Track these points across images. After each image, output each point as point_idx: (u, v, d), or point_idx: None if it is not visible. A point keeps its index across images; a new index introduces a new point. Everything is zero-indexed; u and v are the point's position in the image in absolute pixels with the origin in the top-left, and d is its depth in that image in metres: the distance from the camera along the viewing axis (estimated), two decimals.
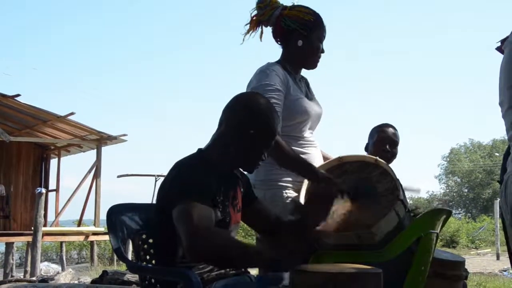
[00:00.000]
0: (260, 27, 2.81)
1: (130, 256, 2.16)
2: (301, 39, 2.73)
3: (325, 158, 2.85)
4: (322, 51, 2.81)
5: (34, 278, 8.33)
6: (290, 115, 2.64)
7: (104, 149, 16.10)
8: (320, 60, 2.85)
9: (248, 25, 2.80)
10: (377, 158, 2.62)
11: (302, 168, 2.52)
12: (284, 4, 2.78)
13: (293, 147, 2.63)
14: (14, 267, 14.52)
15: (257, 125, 2.07)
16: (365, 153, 3.18)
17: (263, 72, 2.65)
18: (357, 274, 1.92)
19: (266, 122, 2.09)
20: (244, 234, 18.30)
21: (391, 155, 3.19)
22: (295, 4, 2.78)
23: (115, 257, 14.61)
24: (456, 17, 72.96)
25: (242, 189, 2.23)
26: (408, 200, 2.80)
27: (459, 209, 44.68)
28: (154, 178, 15.22)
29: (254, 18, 2.79)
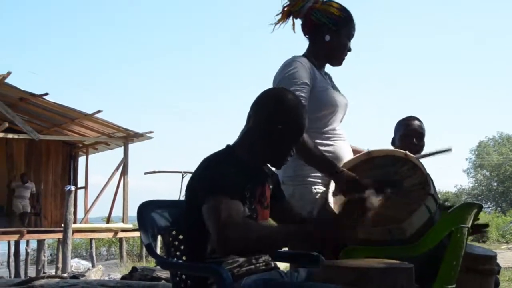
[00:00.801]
0: (291, 18, 2.78)
1: (158, 251, 2.18)
2: (330, 34, 2.70)
3: (355, 151, 2.82)
4: (349, 50, 2.79)
5: (65, 275, 8.46)
6: (318, 107, 2.62)
7: (131, 146, 16.25)
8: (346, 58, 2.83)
9: (280, 15, 2.78)
10: (407, 152, 2.60)
11: (326, 167, 2.52)
12: None
13: (320, 140, 2.61)
14: (45, 263, 14.78)
15: (285, 121, 2.07)
16: (392, 147, 3.15)
17: (289, 65, 2.62)
18: (389, 269, 1.90)
19: (294, 118, 2.09)
20: None
21: (419, 147, 3.17)
22: None
23: (144, 254, 14.73)
24: (480, 8, 71.64)
25: (271, 186, 2.23)
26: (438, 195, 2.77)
27: (489, 203, 43.96)
28: (180, 174, 15.31)
29: (286, 8, 2.77)
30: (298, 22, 2.80)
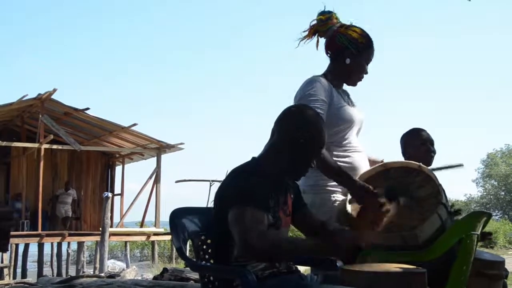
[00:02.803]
0: (316, 36, 2.81)
1: (188, 254, 2.18)
2: (350, 57, 2.71)
3: (373, 161, 2.82)
4: (366, 72, 2.79)
5: (102, 274, 8.50)
6: (335, 122, 2.63)
7: (163, 156, 16.35)
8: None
9: (306, 32, 2.81)
10: (420, 164, 2.57)
11: (342, 179, 2.50)
12: (343, 22, 2.78)
13: (338, 152, 2.63)
14: (84, 264, 14.90)
15: (306, 135, 2.07)
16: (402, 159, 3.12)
17: (308, 84, 2.65)
18: (405, 274, 1.89)
19: (314, 132, 2.09)
20: (293, 235, 18.15)
21: (434, 153, 3.17)
22: (352, 24, 2.77)
23: (174, 256, 14.80)
24: (496, 19, 70.40)
25: (292, 195, 2.23)
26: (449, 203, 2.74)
27: (496, 211, 43.23)
28: (208, 183, 15.34)
29: (313, 27, 2.80)
30: (321, 40, 2.81)
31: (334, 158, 2.57)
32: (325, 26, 2.76)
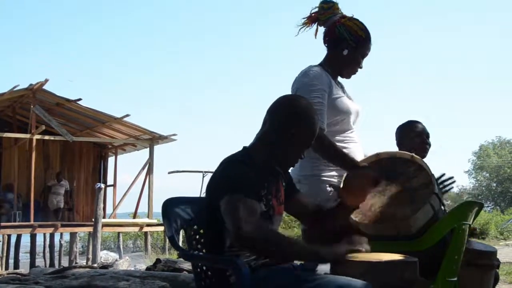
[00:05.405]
0: (316, 25, 2.79)
1: (180, 244, 2.18)
2: (348, 49, 2.70)
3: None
4: (361, 67, 2.79)
5: (95, 265, 8.50)
6: (332, 112, 2.63)
7: (156, 147, 16.33)
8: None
9: (306, 19, 2.79)
10: (413, 154, 2.58)
11: (343, 161, 2.51)
12: (344, 13, 2.76)
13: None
14: (77, 254, 14.89)
15: (297, 126, 2.07)
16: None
17: (307, 73, 2.64)
18: (396, 263, 1.90)
19: (306, 123, 2.08)
20: (286, 226, 18.24)
21: (429, 145, 3.19)
22: (353, 16, 2.76)
23: (167, 246, 14.80)
24: (480, 14, 70.54)
25: (284, 183, 2.23)
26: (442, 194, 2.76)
27: (488, 203, 43.61)
28: (201, 174, 15.35)
29: (313, 15, 2.78)
30: (321, 29, 2.80)
31: None
32: (326, 15, 2.75)
